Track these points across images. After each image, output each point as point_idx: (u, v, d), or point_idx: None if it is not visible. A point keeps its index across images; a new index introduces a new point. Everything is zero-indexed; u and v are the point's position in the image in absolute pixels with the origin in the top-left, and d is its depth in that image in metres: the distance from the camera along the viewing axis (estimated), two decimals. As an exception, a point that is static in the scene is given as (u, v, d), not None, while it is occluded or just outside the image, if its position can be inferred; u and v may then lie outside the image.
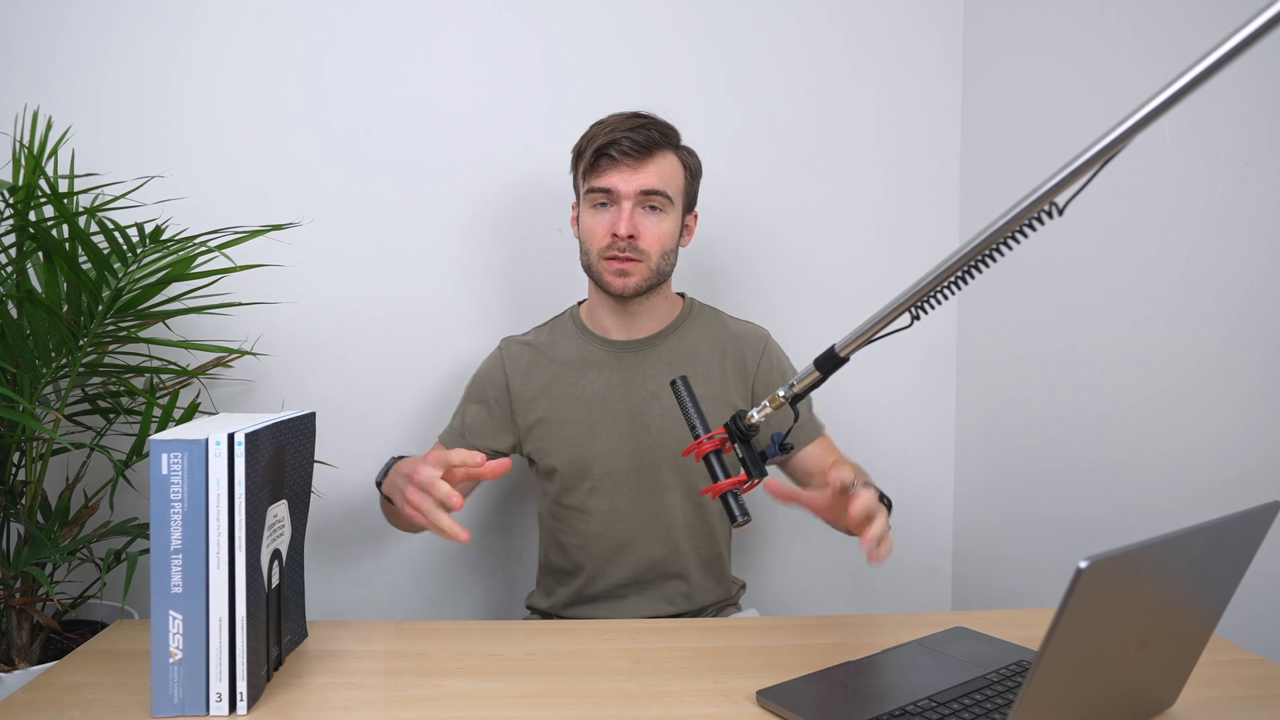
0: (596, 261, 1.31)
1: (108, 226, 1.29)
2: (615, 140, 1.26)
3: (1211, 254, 1.27)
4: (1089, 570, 0.63)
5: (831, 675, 0.98)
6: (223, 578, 0.90)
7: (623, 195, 1.28)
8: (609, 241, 1.29)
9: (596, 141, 1.27)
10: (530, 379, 1.39)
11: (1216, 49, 0.67)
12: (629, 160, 1.27)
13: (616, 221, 1.28)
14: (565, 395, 1.37)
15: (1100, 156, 0.75)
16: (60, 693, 0.95)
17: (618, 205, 1.28)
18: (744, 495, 0.99)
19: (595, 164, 1.28)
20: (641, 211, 1.29)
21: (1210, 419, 1.27)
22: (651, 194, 1.29)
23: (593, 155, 1.28)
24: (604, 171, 1.28)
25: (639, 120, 1.30)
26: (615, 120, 1.31)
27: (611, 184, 1.28)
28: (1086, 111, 1.50)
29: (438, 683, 0.99)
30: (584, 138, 1.33)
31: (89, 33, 1.59)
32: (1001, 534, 1.74)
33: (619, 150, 1.26)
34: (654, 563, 1.37)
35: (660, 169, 1.29)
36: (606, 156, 1.27)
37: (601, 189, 1.28)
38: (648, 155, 1.28)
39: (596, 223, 1.30)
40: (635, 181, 1.27)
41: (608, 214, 1.29)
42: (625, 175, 1.27)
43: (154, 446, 0.88)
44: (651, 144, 1.28)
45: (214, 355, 1.55)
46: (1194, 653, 0.86)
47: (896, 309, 0.89)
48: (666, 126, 1.32)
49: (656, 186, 1.29)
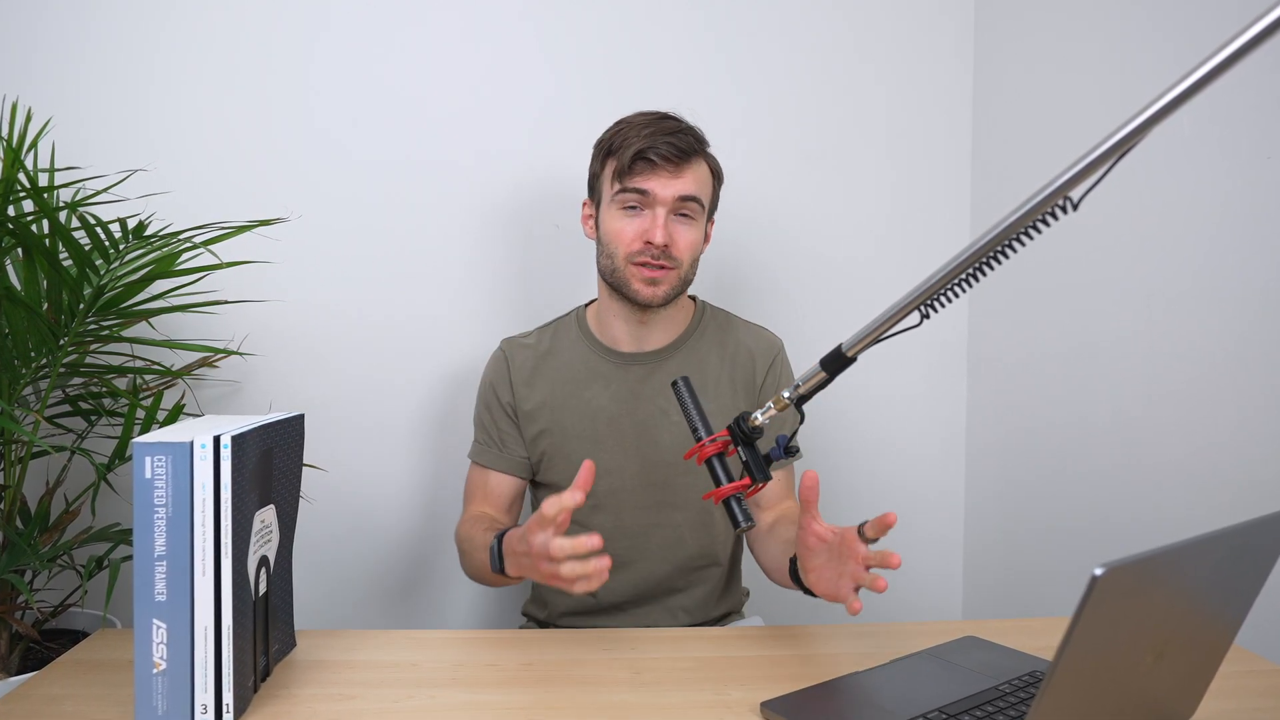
0: (624, 266, 1.28)
1: (89, 222, 1.28)
2: (655, 145, 1.25)
3: (1231, 250, 1.26)
4: (1105, 577, 0.61)
5: (837, 686, 0.97)
6: (208, 585, 0.88)
7: (659, 200, 1.26)
8: (640, 247, 1.27)
9: (635, 144, 1.25)
10: (533, 388, 1.36)
11: (1236, 39, 0.67)
12: (669, 166, 1.25)
13: (650, 227, 1.26)
14: (569, 408, 1.35)
15: (1116, 149, 0.74)
16: (40, 704, 0.94)
17: (651, 210, 1.27)
18: (747, 500, 0.98)
19: (631, 166, 1.26)
20: (675, 219, 1.28)
21: (1230, 420, 1.26)
22: (687, 200, 1.27)
23: (631, 158, 1.26)
24: (641, 174, 1.26)
25: (675, 124, 1.28)
26: (648, 120, 1.28)
27: (650, 187, 1.26)
28: (1102, 103, 1.49)
29: (431, 694, 0.98)
30: (616, 136, 1.30)
31: (70, 21, 1.57)
32: (1014, 540, 1.73)
33: (659, 155, 1.24)
34: (659, 580, 1.35)
35: (696, 176, 1.28)
36: (645, 160, 1.25)
37: (638, 190, 1.26)
38: (686, 161, 1.26)
39: (625, 226, 1.28)
40: (673, 187, 1.26)
41: (639, 218, 1.27)
42: (664, 180, 1.25)
43: (137, 449, 0.87)
44: (690, 150, 1.27)
45: (199, 355, 1.53)
46: (1213, 663, 0.85)
47: (905, 307, 0.88)
48: (698, 132, 1.31)
49: (693, 193, 1.27)
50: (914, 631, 1.15)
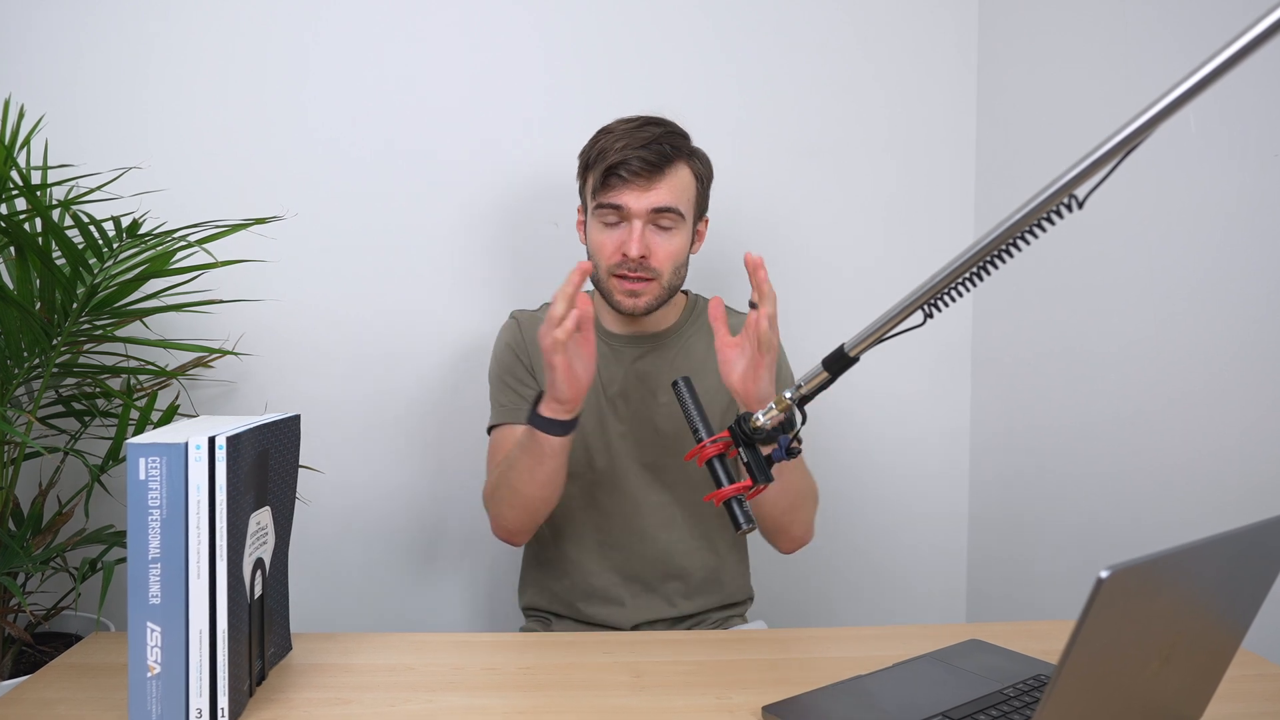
0: (606, 278, 1.31)
1: (83, 220, 1.27)
2: (625, 160, 1.26)
3: (1238, 248, 1.26)
4: (1110, 580, 0.61)
5: (840, 690, 0.97)
6: (203, 588, 0.88)
7: (633, 214, 1.27)
8: (619, 259, 1.28)
9: (607, 159, 1.26)
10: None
11: (1244, 34, 0.66)
12: (640, 180, 1.26)
13: (627, 240, 1.27)
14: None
15: (1122, 147, 0.73)
16: (33, 708, 0.93)
17: (628, 223, 1.28)
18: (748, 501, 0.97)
19: (605, 181, 1.27)
20: (652, 230, 1.29)
21: (1237, 421, 1.26)
22: (663, 212, 1.27)
23: (603, 174, 1.27)
24: (614, 189, 1.27)
25: (649, 133, 1.28)
26: (624, 131, 1.29)
27: (622, 201, 1.27)
28: (1107, 100, 1.49)
29: (429, 698, 0.97)
30: (593, 149, 1.31)
31: (63, 17, 1.56)
32: (1018, 542, 1.72)
33: (629, 171, 1.25)
34: (653, 560, 1.37)
35: (672, 185, 1.28)
36: (617, 175, 1.26)
37: (611, 205, 1.28)
38: (659, 173, 1.26)
39: (605, 239, 1.30)
40: (647, 200, 1.26)
41: (617, 231, 1.29)
42: (636, 194, 1.26)
43: (131, 451, 0.86)
44: (663, 160, 1.26)
45: (194, 355, 1.53)
46: (1220, 666, 0.85)
47: (909, 306, 0.87)
48: (677, 136, 1.31)
49: (668, 204, 1.27)
50: (917, 635, 1.14)
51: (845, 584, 1.84)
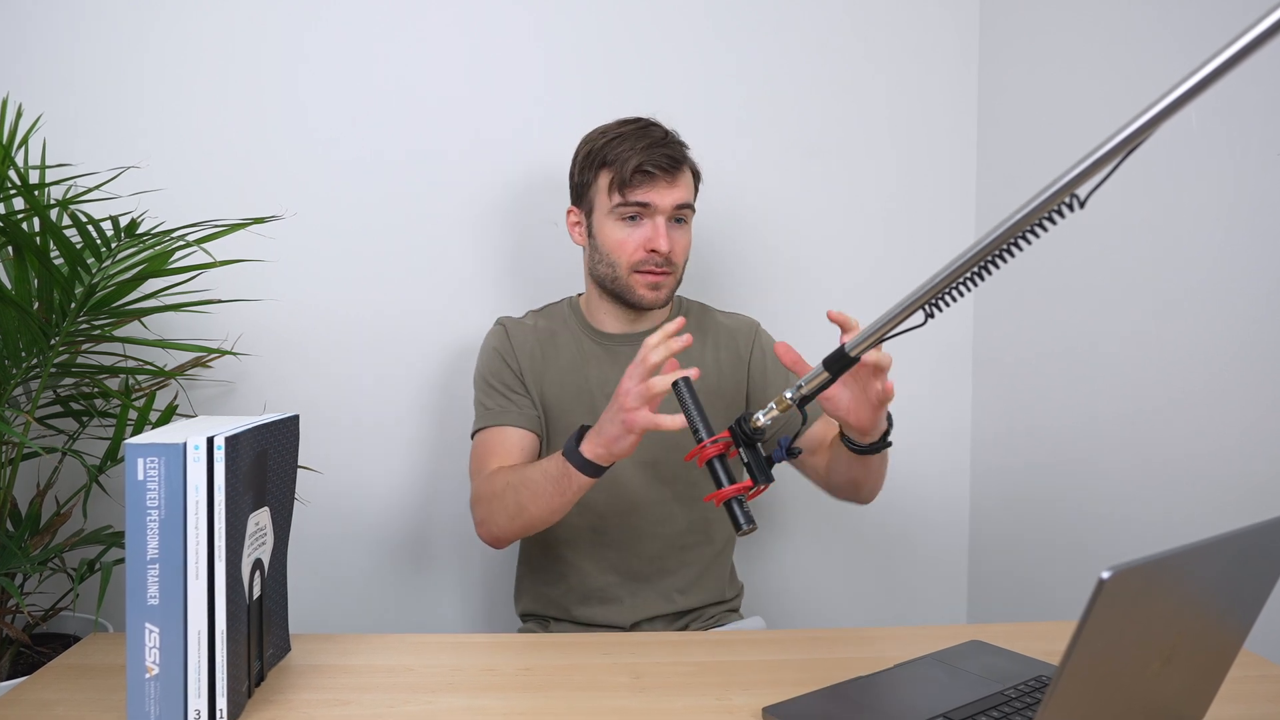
0: (626, 275, 1.34)
1: (81, 220, 1.27)
2: (652, 157, 1.31)
3: (1240, 247, 1.26)
4: (1112, 581, 0.61)
5: (841, 691, 0.96)
6: (201, 589, 0.87)
7: (659, 210, 1.32)
8: (644, 256, 1.32)
9: (632, 158, 1.30)
10: (533, 362, 1.40)
11: (1246, 34, 0.66)
12: (666, 176, 1.32)
13: (653, 236, 1.32)
14: (566, 384, 1.39)
15: (1123, 146, 0.73)
16: (31, 710, 0.93)
17: (651, 220, 1.32)
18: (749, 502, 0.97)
19: (630, 180, 1.31)
20: (671, 225, 1.34)
21: (1239, 421, 1.26)
22: (683, 208, 1.34)
23: (632, 171, 1.31)
24: (639, 187, 1.31)
25: (661, 133, 1.34)
26: (633, 132, 1.33)
27: (650, 199, 1.31)
28: (1108, 99, 1.48)
29: (428, 699, 0.97)
30: (607, 148, 1.33)
31: (61, 17, 1.56)
32: (1019, 542, 1.72)
33: (656, 166, 1.30)
34: (651, 557, 1.37)
35: (686, 182, 1.35)
36: (644, 172, 1.31)
37: (637, 203, 1.31)
38: (679, 170, 1.34)
39: (627, 237, 1.33)
40: (671, 196, 1.32)
41: (640, 228, 1.33)
42: (662, 190, 1.32)
43: (129, 451, 0.86)
44: (680, 158, 1.34)
45: (192, 355, 1.52)
46: (1222, 668, 0.84)
47: (909, 306, 0.87)
48: (677, 136, 1.37)
49: (688, 200, 1.35)
50: (919, 636, 1.14)
51: (846, 584, 1.84)
